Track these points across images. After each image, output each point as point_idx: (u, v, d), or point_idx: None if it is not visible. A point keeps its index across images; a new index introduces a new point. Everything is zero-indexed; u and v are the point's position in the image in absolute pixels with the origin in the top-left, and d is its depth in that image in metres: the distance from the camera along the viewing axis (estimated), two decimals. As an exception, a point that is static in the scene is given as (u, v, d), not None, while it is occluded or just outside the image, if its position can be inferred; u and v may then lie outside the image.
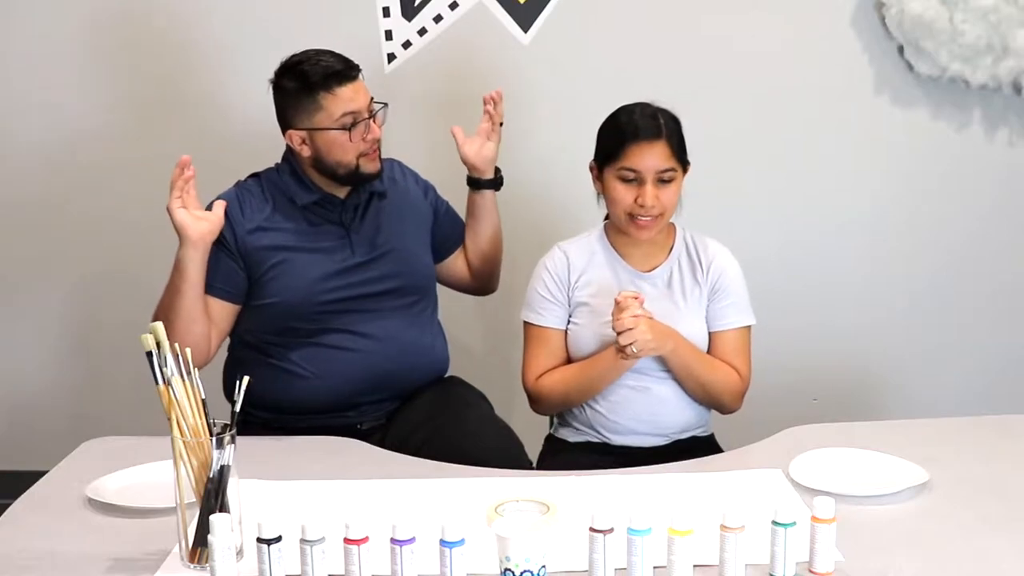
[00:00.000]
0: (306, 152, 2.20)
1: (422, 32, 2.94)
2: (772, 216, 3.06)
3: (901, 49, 2.93)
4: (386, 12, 2.93)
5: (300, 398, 2.19)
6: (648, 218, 2.09)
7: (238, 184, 2.29)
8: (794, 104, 2.98)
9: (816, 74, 2.97)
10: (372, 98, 2.20)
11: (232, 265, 2.18)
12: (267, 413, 2.19)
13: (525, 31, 2.94)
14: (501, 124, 2.39)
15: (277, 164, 2.30)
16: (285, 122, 2.22)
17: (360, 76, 2.18)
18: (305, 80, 2.16)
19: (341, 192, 2.25)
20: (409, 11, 2.93)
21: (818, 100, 2.98)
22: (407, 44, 2.95)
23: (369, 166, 2.20)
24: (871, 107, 2.99)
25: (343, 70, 2.15)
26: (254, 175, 2.31)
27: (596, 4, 2.93)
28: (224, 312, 2.19)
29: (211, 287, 2.16)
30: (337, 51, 2.21)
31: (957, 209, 3.07)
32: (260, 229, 2.20)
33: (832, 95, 2.98)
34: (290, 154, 2.26)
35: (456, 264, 2.45)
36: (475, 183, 2.40)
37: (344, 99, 2.15)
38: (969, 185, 3.05)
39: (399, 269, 2.25)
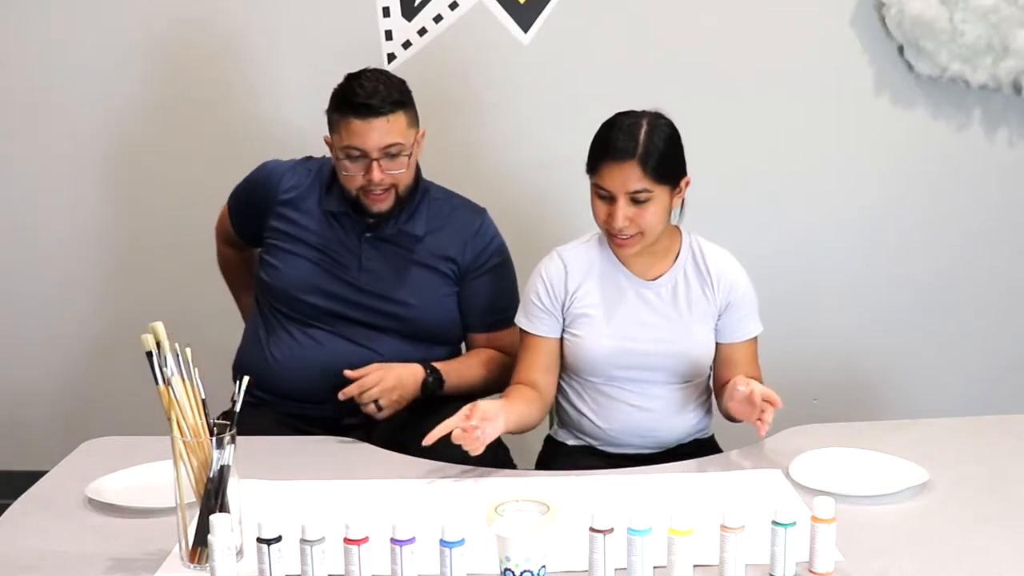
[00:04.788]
0: (333, 159, 2.20)
1: (422, 32, 2.94)
2: (772, 216, 3.05)
3: (901, 49, 2.93)
4: (386, 12, 2.93)
5: (268, 380, 2.21)
6: (625, 237, 2.02)
7: (297, 160, 2.32)
8: (794, 104, 2.98)
9: (816, 74, 2.96)
10: (398, 144, 2.11)
11: (255, 215, 2.28)
12: (257, 390, 2.21)
13: (525, 31, 2.94)
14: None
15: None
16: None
17: (387, 115, 2.09)
18: (336, 95, 2.15)
19: (368, 219, 2.20)
20: (409, 11, 2.93)
21: (818, 100, 2.98)
22: (407, 44, 2.95)
23: (371, 205, 2.15)
24: (871, 107, 2.99)
25: (364, 103, 2.07)
26: (312, 158, 2.32)
27: (596, 4, 2.92)
28: (243, 246, 2.41)
29: (237, 227, 2.37)
30: (386, 72, 2.18)
31: (957, 209, 3.07)
32: (286, 206, 2.24)
33: (832, 95, 2.98)
34: None
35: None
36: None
37: (352, 132, 2.09)
38: (969, 185, 3.05)
39: (409, 318, 2.20)
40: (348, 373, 2.11)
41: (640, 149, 1.97)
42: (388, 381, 2.10)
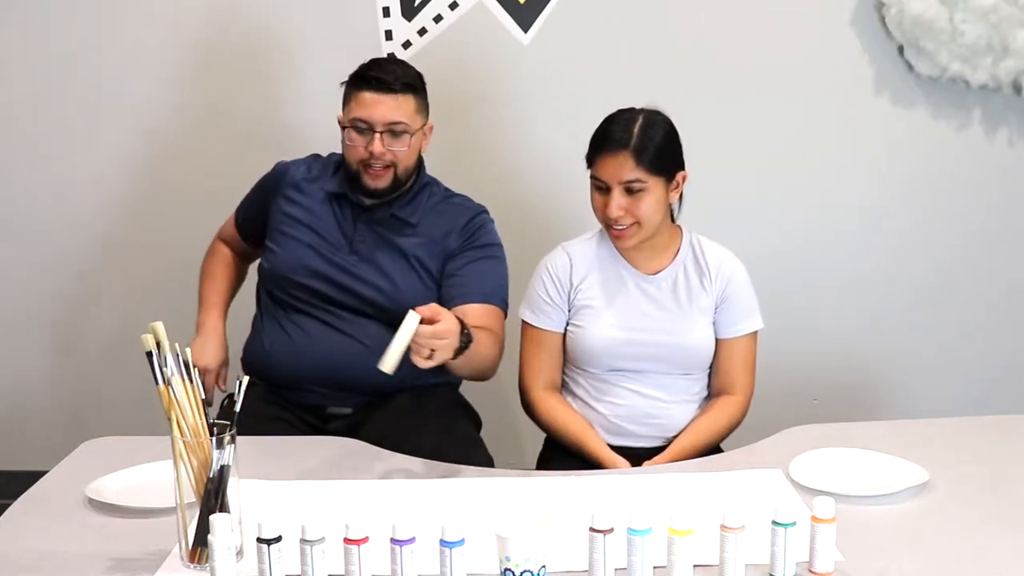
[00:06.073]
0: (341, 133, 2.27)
1: (422, 32, 2.94)
2: (772, 216, 3.05)
3: (901, 49, 2.93)
4: (386, 12, 2.93)
5: (262, 367, 2.27)
6: (621, 227, 2.07)
7: (306, 157, 2.40)
8: (794, 104, 2.98)
9: (816, 74, 2.96)
10: (402, 123, 2.18)
11: (258, 216, 2.36)
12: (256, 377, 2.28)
13: (525, 31, 2.94)
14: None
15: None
16: None
17: (397, 93, 2.18)
18: (355, 72, 2.24)
19: (367, 199, 2.27)
20: (409, 11, 2.93)
21: (818, 100, 2.98)
22: (407, 44, 2.95)
23: (369, 180, 2.22)
24: (871, 107, 2.99)
25: (377, 77, 2.18)
26: (319, 156, 2.41)
27: (596, 4, 2.92)
28: (245, 248, 2.45)
29: (241, 225, 2.44)
30: (398, 61, 2.33)
31: (957, 209, 3.07)
32: (294, 188, 2.32)
33: (832, 95, 2.98)
34: None
35: None
36: None
37: (361, 103, 2.18)
38: (969, 185, 3.05)
39: (388, 305, 2.21)
40: (420, 309, 1.84)
41: (634, 141, 2.03)
42: (453, 340, 1.86)
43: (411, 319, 1.78)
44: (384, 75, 2.18)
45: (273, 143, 2.87)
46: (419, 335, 1.78)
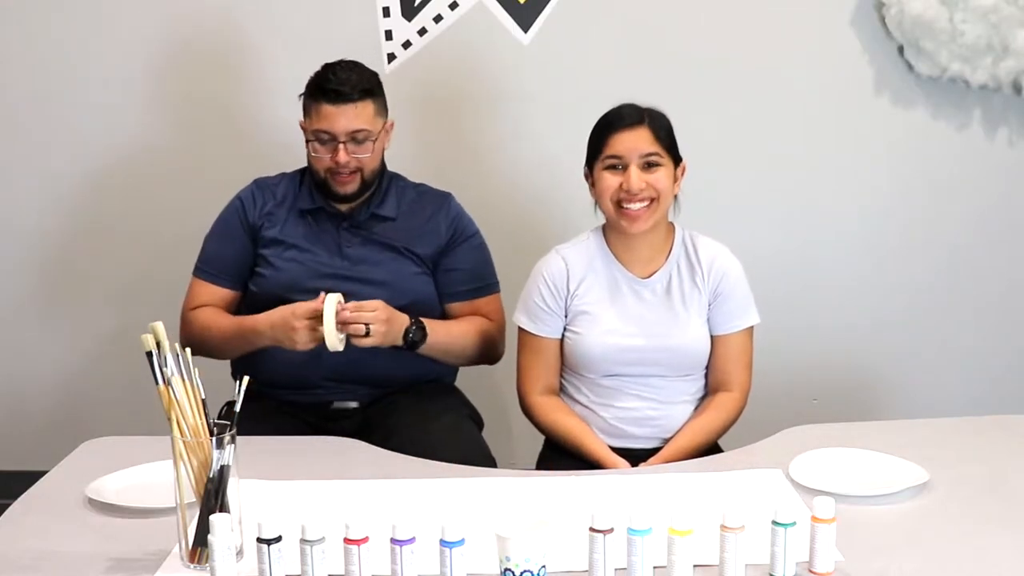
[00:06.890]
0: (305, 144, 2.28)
1: (422, 32, 2.94)
2: (772, 216, 3.05)
3: (901, 49, 2.93)
4: (386, 12, 2.93)
5: (262, 372, 2.22)
6: (637, 205, 2.05)
7: (257, 181, 2.37)
8: (794, 104, 2.98)
9: (816, 74, 2.97)
10: (364, 130, 2.21)
11: (240, 251, 2.30)
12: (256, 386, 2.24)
13: (525, 31, 2.94)
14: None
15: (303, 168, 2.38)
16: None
17: (356, 102, 2.20)
18: (311, 82, 2.26)
19: (341, 206, 2.31)
20: (409, 11, 2.93)
21: (818, 100, 2.98)
22: (407, 44, 2.95)
23: (338, 187, 2.26)
24: (871, 107, 2.99)
25: (335, 89, 2.19)
26: (282, 173, 2.40)
27: (596, 4, 2.93)
28: (231, 297, 2.32)
29: (219, 278, 2.31)
30: (360, 61, 2.29)
31: (957, 209, 3.07)
32: (268, 215, 2.31)
33: (832, 95, 2.98)
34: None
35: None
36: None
37: (322, 116, 2.21)
38: (969, 185, 3.05)
39: (394, 298, 2.21)
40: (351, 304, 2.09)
41: (648, 118, 2.08)
42: (382, 313, 2.11)
43: (329, 299, 2.00)
44: (341, 86, 2.20)
45: (273, 143, 2.87)
46: (344, 313, 2.01)
